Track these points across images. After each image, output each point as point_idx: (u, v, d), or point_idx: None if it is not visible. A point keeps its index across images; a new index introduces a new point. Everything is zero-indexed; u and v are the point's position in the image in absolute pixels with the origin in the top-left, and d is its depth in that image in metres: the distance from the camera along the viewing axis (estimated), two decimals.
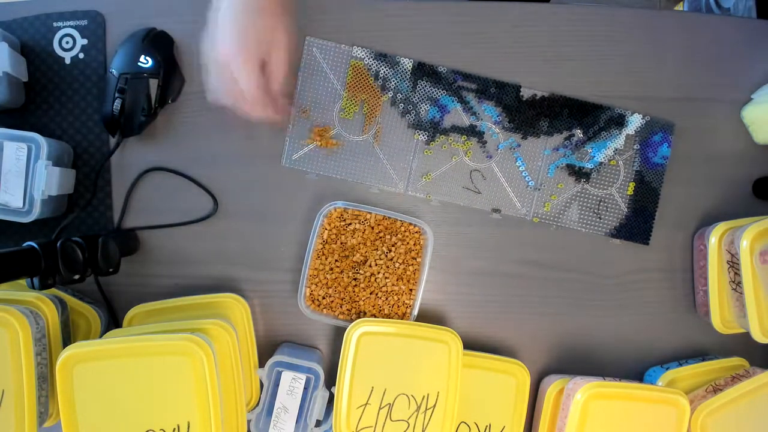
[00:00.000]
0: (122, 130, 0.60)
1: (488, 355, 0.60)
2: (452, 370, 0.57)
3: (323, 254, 0.61)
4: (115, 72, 0.59)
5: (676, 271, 0.65)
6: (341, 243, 0.61)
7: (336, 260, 0.61)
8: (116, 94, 0.58)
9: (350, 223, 0.61)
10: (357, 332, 0.57)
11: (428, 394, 0.57)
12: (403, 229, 0.61)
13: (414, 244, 0.61)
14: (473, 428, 0.60)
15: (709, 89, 0.64)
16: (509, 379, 0.60)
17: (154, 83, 0.59)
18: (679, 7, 1.31)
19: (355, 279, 0.61)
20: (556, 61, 0.63)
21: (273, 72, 0.53)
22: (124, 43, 0.61)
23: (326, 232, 0.61)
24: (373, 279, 0.61)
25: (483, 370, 0.60)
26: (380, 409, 0.57)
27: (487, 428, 0.60)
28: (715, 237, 0.59)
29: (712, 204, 0.64)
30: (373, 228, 0.61)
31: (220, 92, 0.53)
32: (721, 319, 0.60)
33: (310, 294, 0.61)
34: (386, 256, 0.61)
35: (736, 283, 0.59)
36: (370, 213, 0.61)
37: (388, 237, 0.61)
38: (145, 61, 0.59)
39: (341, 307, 0.61)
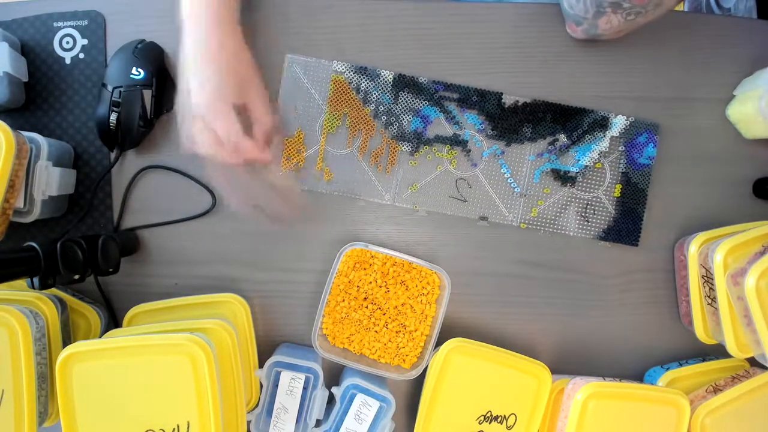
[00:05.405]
0: (121, 144, 0.60)
1: (513, 353, 0.59)
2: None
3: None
4: (109, 86, 0.59)
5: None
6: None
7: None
8: (111, 108, 0.58)
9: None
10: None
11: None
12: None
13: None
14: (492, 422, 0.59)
15: (709, 89, 0.64)
16: (531, 380, 0.59)
17: (147, 94, 0.59)
18: (680, 7, 1.31)
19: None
20: (541, 64, 0.63)
21: (257, 112, 0.52)
22: (115, 56, 0.60)
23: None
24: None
25: (506, 367, 0.59)
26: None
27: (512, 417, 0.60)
28: (695, 247, 0.59)
29: (705, 203, 0.64)
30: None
31: (197, 143, 0.51)
32: (704, 330, 0.60)
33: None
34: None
35: (711, 298, 0.58)
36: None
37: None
38: (137, 73, 0.59)
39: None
